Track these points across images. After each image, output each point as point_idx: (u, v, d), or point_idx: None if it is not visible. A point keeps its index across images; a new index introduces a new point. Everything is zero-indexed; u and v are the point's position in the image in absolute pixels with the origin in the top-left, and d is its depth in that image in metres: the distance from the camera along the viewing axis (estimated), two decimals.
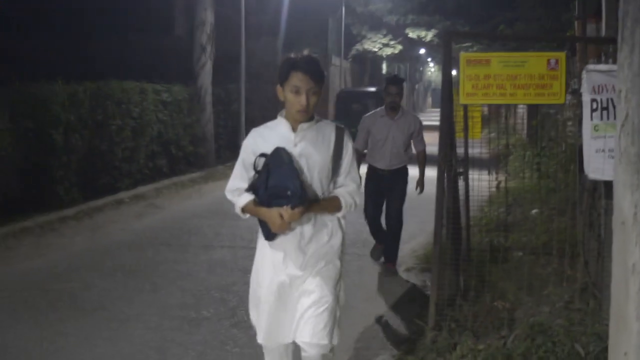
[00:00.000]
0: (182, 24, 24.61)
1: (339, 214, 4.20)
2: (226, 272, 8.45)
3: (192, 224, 11.46)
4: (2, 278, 8.19)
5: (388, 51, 38.75)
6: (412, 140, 8.67)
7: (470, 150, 7.49)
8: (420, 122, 8.82)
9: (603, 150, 5.66)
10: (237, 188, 4.20)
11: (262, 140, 4.13)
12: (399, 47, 38.83)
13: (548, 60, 5.90)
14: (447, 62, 6.09)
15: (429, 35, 36.91)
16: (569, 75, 7.36)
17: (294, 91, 3.99)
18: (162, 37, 23.58)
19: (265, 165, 4.01)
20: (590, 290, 6.48)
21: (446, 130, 6.48)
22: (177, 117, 17.57)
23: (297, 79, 3.98)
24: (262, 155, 4.06)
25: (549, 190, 10.92)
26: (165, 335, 6.29)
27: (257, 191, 4.07)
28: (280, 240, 4.10)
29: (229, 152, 20.28)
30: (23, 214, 11.13)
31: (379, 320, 6.91)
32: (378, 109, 8.75)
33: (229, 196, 4.25)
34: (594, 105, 5.61)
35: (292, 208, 3.92)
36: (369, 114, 8.84)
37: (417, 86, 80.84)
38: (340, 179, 4.19)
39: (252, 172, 4.11)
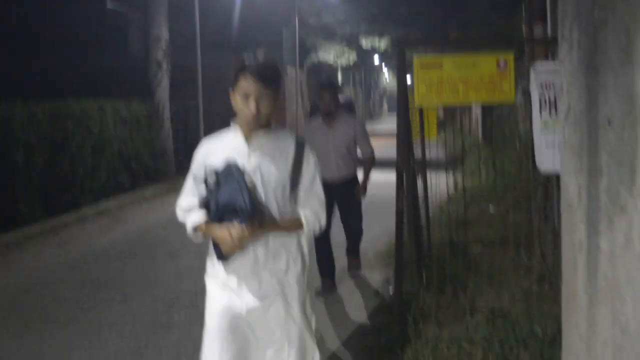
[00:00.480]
0: (137, 41, 24.71)
1: (302, 235, 3.84)
2: (194, 279, 8.59)
3: (157, 235, 11.61)
4: None
5: (343, 60, 39.14)
6: (357, 146, 8.18)
7: (427, 153, 7.76)
8: (362, 124, 8.33)
9: (553, 145, 5.96)
10: (188, 204, 3.83)
11: (213, 151, 3.77)
12: (353, 56, 39.20)
13: (497, 61, 6.20)
14: (401, 68, 6.35)
15: (382, 44, 37.37)
16: (518, 75, 7.68)
17: (243, 97, 3.63)
18: (117, 55, 23.63)
19: (217, 179, 3.66)
20: (547, 278, 6.78)
21: (404, 132, 6.74)
22: (136, 133, 17.66)
23: (246, 83, 3.61)
24: (214, 168, 3.68)
25: (505, 188, 11.25)
26: (139, 341, 6.46)
27: (208, 208, 3.72)
28: (233, 262, 3.73)
29: (189, 166, 20.33)
30: None
31: (345, 313, 7.15)
32: (315, 117, 8.35)
33: (180, 214, 3.89)
34: (543, 102, 5.91)
35: (242, 225, 3.57)
36: (307, 123, 8.43)
37: (372, 93, 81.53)
38: (301, 197, 3.80)
39: (204, 187, 3.74)
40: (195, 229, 3.77)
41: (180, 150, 20.71)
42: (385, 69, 78.97)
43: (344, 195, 8.05)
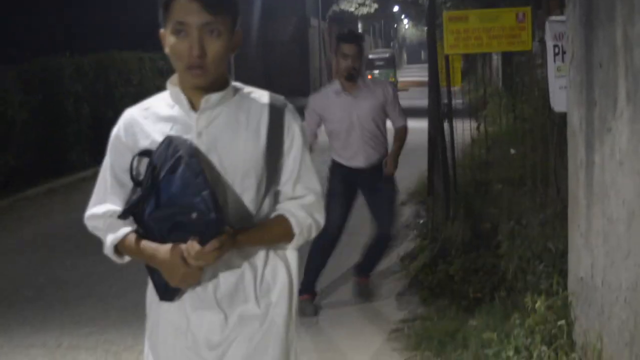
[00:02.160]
0: None
1: (290, 246, 2.53)
2: None
3: None
4: (48, 228, 9.34)
5: (364, 10, 39.67)
6: (388, 116, 6.36)
7: (453, 100, 8.57)
8: (394, 89, 6.55)
9: (565, 87, 6.79)
10: (105, 212, 2.51)
11: (141, 128, 2.48)
12: (375, 5, 39.75)
13: (517, 14, 7.00)
14: (431, 22, 7.19)
15: None
16: (536, 26, 8.45)
17: (176, 32, 2.33)
18: (151, 9, 24.47)
19: (151, 169, 2.37)
20: (562, 209, 7.64)
21: (434, 80, 7.58)
22: None
23: (181, 10, 2.31)
24: (144, 153, 2.42)
25: (524, 131, 12.07)
26: None
27: (140, 216, 2.41)
28: (185, 300, 2.45)
29: None
30: (45, 178, 12.18)
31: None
32: (330, 85, 6.41)
33: (92, 225, 2.57)
34: (556, 50, 6.70)
35: (203, 243, 2.25)
36: (317, 92, 6.56)
37: (392, 43, 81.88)
38: (287, 188, 2.51)
39: (129, 184, 2.46)
40: (118, 248, 2.49)
41: None
42: (404, 19, 79.01)
43: (373, 187, 6.26)
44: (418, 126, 7.46)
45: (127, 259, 2.54)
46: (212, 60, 2.32)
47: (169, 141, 2.36)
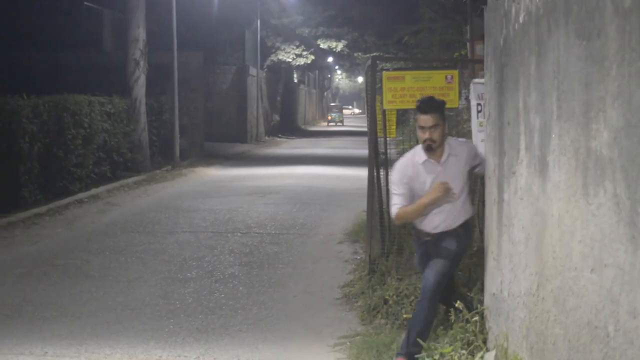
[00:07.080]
0: (111, 40, 26.40)
1: None
2: (194, 249, 10.38)
3: (151, 217, 13.29)
4: (12, 259, 9.95)
5: (301, 61, 40.92)
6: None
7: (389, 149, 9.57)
8: (474, 145, 6.34)
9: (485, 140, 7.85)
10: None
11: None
12: (311, 57, 41.05)
13: (446, 76, 8.06)
14: (373, 80, 8.19)
15: (339, 46, 39.45)
16: (463, 86, 9.55)
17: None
18: (92, 54, 25.26)
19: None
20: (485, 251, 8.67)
21: (373, 132, 8.57)
22: (118, 127, 19.30)
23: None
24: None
25: None
26: (166, 289, 8.22)
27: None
28: None
29: (162, 158, 22.39)
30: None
31: (327, 274, 8.99)
32: (414, 150, 6.06)
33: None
34: (479, 108, 7.78)
35: None
36: (403, 159, 6.11)
37: (326, 93, 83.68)
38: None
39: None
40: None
41: (155, 143, 22.44)
42: (338, 69, 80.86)
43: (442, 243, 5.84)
44: (355, 173, 8.38)
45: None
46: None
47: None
